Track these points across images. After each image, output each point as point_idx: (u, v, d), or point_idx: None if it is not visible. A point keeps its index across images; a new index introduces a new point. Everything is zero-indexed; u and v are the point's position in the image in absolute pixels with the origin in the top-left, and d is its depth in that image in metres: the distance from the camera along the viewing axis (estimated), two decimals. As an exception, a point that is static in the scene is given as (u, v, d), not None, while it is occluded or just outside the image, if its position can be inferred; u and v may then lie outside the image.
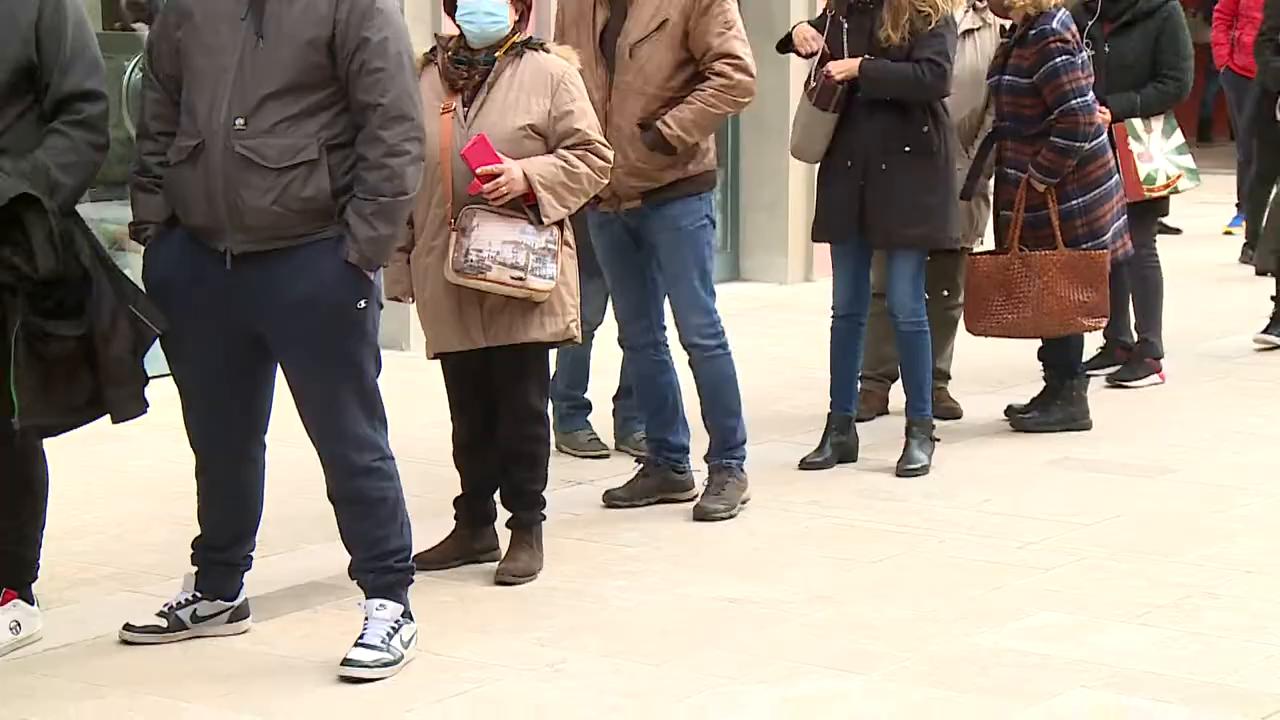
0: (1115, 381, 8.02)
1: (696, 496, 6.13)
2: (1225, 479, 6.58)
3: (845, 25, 6.50)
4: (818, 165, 6.72)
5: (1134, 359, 8.10)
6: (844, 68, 6.46)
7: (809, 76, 6.59)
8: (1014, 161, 7.06)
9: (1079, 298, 7.01)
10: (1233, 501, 6.29)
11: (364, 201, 4.50)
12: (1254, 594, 5.32)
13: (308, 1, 4.50)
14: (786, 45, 6.66)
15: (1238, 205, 12.39)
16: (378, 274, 4.64)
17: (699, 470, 6.23)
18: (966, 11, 7.27)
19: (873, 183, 6.50)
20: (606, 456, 6.74)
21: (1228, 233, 12.33)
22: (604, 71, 5.89)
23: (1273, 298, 8.88)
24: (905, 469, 6.60)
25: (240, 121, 4.47)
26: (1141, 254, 8.09)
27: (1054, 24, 6.91)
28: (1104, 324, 7.31)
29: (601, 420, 6.94)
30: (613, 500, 6.17)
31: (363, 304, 4.57)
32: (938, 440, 6.78)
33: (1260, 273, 9.79)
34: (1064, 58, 6.89)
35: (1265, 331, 8.84)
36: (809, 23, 6.73)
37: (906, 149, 6.47)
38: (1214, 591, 5.34)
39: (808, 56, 6.57)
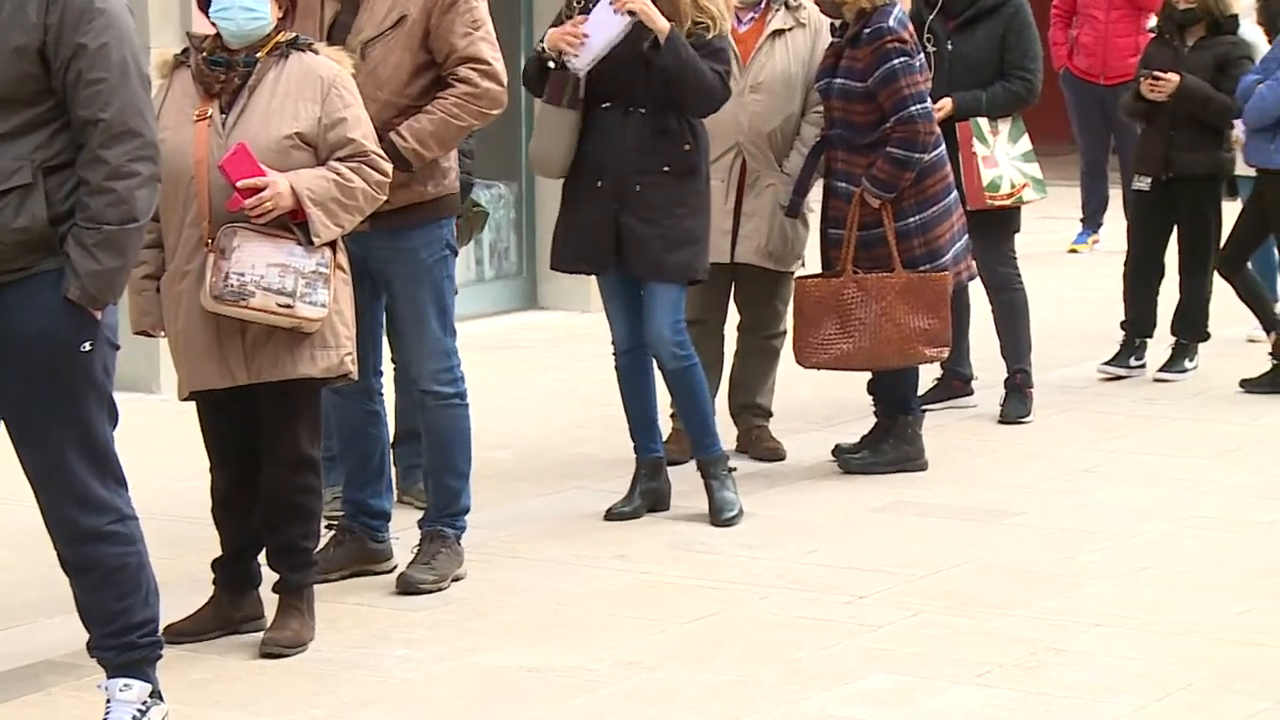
0: (1010, 419, 8.04)
1: (396, 568, 5.98)
2: (1071, 523, 6.67)
3: None
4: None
5: (1018, 393, 8.12)
6: (648, 10, 6.22)
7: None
8: (845, 174, 7.08)
9: (919, 325, 7.04)
10: (1080, 548, 6.38)
11: (86, 230, 4.40)
12: (1103, 649, 5.39)
13: (16, 4, 4.38)
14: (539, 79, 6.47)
15: (1083, 220, 12.64)
16: (110, 312, 4.53)
17: (399, 539, 6.05)
18: (778, 10, 7.31)
19: (628, 206, 6.45)
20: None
21: (1073, 250, 12.57)
22: None
23: (1122, 324, 9.04)
24: (720, 518, 6.60)
25: None
26: (1003, 275, 8.18)
27: (890, 22, 6.92)
28: (946, 354, 7.36)
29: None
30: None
31: (88, 346, 4.47)
32: (734, 469, 6.76)
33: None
34: (902, 60, 6.91)
35: (1109, 363, 8.97)
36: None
37: (666, 169, 6.43)
38: (1059, 647, 5.40)
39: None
